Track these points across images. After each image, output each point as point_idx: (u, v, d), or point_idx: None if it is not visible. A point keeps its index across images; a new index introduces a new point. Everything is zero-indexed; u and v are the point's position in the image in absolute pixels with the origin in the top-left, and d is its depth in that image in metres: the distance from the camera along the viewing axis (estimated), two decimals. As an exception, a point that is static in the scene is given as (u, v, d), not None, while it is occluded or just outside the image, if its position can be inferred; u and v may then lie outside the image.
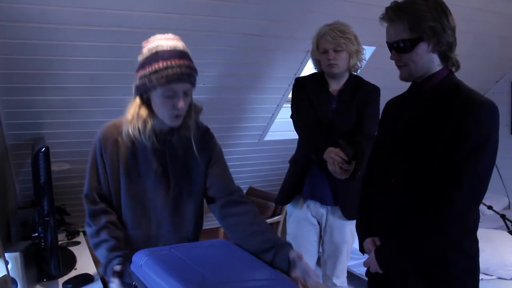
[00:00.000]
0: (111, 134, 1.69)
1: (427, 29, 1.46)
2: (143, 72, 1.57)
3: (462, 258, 1.56)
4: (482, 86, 4.95)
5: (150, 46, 1.59)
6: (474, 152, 1.43)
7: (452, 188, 1.44)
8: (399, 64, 1.58)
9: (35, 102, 3.12)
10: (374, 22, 1.67)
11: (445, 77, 1.56)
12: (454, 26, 1.53)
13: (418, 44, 1.49)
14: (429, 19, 1.46)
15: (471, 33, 3.90)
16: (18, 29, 2.57)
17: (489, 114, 1.46)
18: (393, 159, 1.62)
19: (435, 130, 1.49)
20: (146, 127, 1.63)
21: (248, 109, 3.81)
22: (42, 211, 3.65)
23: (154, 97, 1.61)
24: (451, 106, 1.48)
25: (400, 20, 1.48)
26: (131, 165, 1.69)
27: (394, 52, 1.55)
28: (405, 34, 1.49)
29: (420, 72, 1.56)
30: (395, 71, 1.64)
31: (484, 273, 3.20)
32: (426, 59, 1.52)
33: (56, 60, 2.85)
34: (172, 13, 2.80)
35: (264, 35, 3.08)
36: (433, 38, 1.48)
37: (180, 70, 1.54)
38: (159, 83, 1.54)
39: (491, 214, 4.18)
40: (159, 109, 1.62)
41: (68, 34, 2.68)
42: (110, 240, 1.63)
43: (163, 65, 1.53)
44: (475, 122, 1.43)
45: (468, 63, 4.34)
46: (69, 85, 3.00)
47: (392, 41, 1.54)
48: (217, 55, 3.28)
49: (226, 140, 4.29)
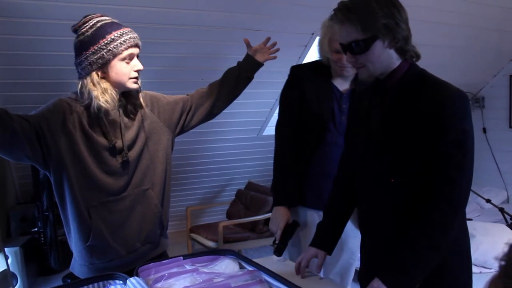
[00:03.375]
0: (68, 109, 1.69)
1: (381, 26, 1.39)
2: (96, 46, 1.61)
3: (455, 252, 1.55)
4: (480, 80, 4.96)
5: (90, 23, 1.64)
6: (457, 147, 1.41)
7: (443, 186, 1.42)
8: (356, 66, 1.51)
9: (32, 97, 3.12)
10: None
11: (407, 70, 1.50)
12: (406, 18, 1.46)
13: (373, 43, 1.42)
14: (381, 16, 1.39)
15: (468, 26, 3.90)
16: (15, 24, 2.57)
17: (463, 105, 1.43)
18: (371, 158, 1.58)
19: (410, 126, 1.45)
20: (113, 97, 1.68)
21: (247, 103, 3.82)
22: (41, 206, 3.67)
23: (114, 66, 1.65)
24: (421, 100, 1.42)
25: (351, 22, 1.41)
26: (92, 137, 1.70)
27: (349, 54, 1.48)
28: (358, 35, 1.41)
29: (380, 70, 1.49)
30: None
31: (482, 266, 3.22)
32: (383, 56, 1.45)
33: (53, 55, 2.85)
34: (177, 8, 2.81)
35: (263, 29, 3.08)
36: (388, 35, 1.41)
37: (133, 35, 1.66)
38: (119, 49, 1.62)
39: (489, 207, 4.20)
40: (120, 76, 1.67)
41: (65, 29, 2.67)
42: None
43: (117, 34, 1.62)
44: (451, 116, 1.39)
45: (466, 56, 4.36)
46: (66, 80, 3.00)
47: (345, 43, 1.46)
48: (216, 49, 3.28)
49: (225, 135, 4.31)
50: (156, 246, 1.88)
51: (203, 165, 4.61)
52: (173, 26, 2.94)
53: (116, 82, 1.67)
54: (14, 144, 1.53)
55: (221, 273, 1.49)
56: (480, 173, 5.09)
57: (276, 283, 1.43)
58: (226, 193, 5.15)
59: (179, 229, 4.95)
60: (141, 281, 1.36)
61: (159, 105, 1.88)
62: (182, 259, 1.60)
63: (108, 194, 1.72)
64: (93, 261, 1.75)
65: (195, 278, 1.42)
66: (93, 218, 1.69)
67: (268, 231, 4.31)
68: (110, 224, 1.73)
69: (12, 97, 3.09)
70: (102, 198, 1.70)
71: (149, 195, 1.80)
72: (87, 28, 1.62)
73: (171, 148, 1.90)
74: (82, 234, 1.71)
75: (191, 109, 1.94)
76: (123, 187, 1.75)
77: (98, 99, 1.64)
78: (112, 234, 1.73)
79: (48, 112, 1.65)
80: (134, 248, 1.79)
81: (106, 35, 1.60)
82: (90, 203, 1.69)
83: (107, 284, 1.43)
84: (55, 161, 1.64)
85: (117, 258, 1.75)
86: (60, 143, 1.63)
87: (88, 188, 1.69)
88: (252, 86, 2.10)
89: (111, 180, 1.72)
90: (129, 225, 1.76)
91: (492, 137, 4.98)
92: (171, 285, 1.38)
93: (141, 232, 1.80)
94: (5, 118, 1.49)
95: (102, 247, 1.73)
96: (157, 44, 3.04)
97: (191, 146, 4.20)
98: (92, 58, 1.62)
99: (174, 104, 1.92)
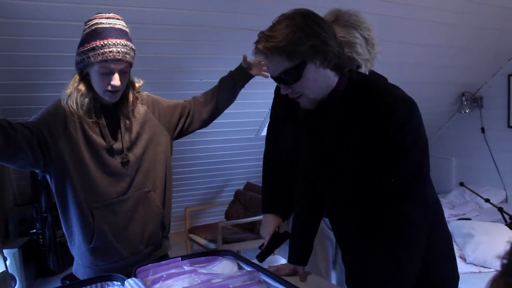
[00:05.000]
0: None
1: (307, 50, 1.30)
2: (82, 49, 1.61)
3: (439, 251, 1.54)
4: (478, 80, 4.96)
5: (90, 23, 1.62)
6: (407, 153, 1.36)
7: (400, 202, 1.38)
8: (294, 96, 1.42)
9: (30, 99, 3.12)
10: (373, 16, 1.65)
11: (347, 85, 1.41)
12: (333, 33, 1.36)
13: (304, 69, 1.32)
14: (305, 38, 1.29)
15: (467, 26, 3.90)
16: (14, 25, 2.56)
17: (409, 110, 1.37)
18: (335, 183, 1.50)
19: (363, 145, 1.36)
20: (84, 100, 1.65)
21: (245, 104, 3.82)
22: (40, 207, 3.66)
23: (92, 73, 1.64)
24: (367, 115, 1.35)
25: (274, 52, 1.31)
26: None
27: (284, 86, 1.39)
28: (286, 64, 1.32)
29: (320, 94, 1.41)
30: (394, 65, 1.61)
31: (482, 265, 3.23)
32: (320, 79, 1.37)
33: (53, 56, 2.84)
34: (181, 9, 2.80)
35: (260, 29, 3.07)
36: (317, 56, 1.32)
37: (116, 49, 1.57)
38: (96, 60, 1.57)
39: (488, 207, 4.20)
40: (96, 85, 1.65)
41: (65, 30, 2.67)
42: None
43: (100, 43, 1.56)
44: (399, 123, 1.30)
45: (464, 56, 4.36)
46: (65, 81, 2.99)
47: (276, 75, 1.37)
48: (215, 50, 3.27)
49: (223, 136, 4.30)
50: (159, 247, 1.90)
51: (201, 165, 4.61)
52: (171, 26, 2.93)
53: (95, 89, 1.67)
54: (17, 155, 1.54)
55: (220, 274, 1.48)
56: (479, 172, 5.11)
57: (275, 284, 1.42)
58: (225, 193, 5.15)
59: (177, 230, 4.95)
60: (139, 282, 1.36)
61: (160, 108, 1.88)
62: (181, 259, 1.60)
63: (111, 196, 1.72)
64: (97, 263, 1.76)
65: (194, 279, 1.41)
66: (96, 220, 1.70)
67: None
68: (113, 225, 1.73)
69: (10, 98, 3.09)
70: (104, 200, 1.71)
71: (151, 197, 1.81)
72: (86, 27, 1.63)
73: (170, 151, 1.91)
74: (86, 236, 1.72)
75: (189, 115, 1.95)
76: (125, 189, 1.75)
77: (68, 98, 1.66)
78: (115, 235, 1.74)
79: (49, 115, 1.66)
80: (138, 250, 1.80)
81: (92, 41, 1.58)
82: (93, 205, 1.70)
83: (105, 285, 1.43)
84: (57, 164, 1.65)
85: (120, 259, 1.76)
86: (61, 146, 1.64)
87: (91, 190, 1.69)
88: (250, 86, 2.10)
89: (112, 182, 1.72)
90: (132, 226, 1.77)
91: (490, 137, 4.98)
92: (170, 286, 1.37)
93: (144, 234, 1.81)
94: (8, 130, 1.49)
95: (105, 248, 1.74)
96: (155, 45, 3.04)
97: (189, 147, 4.20)
98: (77, 58, 1.64)
99: (174, 108, 1.92)
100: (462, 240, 3.51)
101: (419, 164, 1.35)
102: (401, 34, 3.68)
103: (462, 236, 3.53)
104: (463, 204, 4.74)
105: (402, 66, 4.04)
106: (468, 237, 3.46)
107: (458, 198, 4.94)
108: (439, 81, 4.65)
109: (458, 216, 4.29)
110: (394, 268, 1.34)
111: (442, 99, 5.01)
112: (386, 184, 1.36)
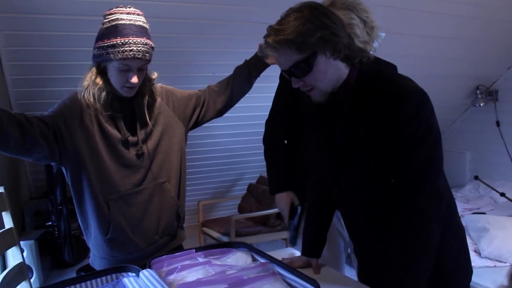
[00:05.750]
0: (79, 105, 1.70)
1: (316, 41, 1.29)
2: (102, 44, 1.61)
3: (452, 245, 1.52)
4: (493, 73, 4.89)
5: (110, 17, 1.62)
6: (419, 144, 1.34)
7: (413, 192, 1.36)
8: (306, 89, 1.41)
9: (45, 93, 3.15)
10: (383, 8, 1.64)
11: (357, 77, 1.41)
12: (342, 23, 1.35)
13: (315, 61, 1.32)
14: (314, 29, 1.28)
15: (479, 18, 3.85)
16: (27, 20, 2.59)
17: (421, 101, 1.35)
18: (345, 176, 1.50)
19: (375, 134, 1.35)
20: (101, 94, 1.67)
21: (258, 97, 3.81)
22: (55, 200, 3.70)
23: (110, 69, 1.65)
24: (378, 107, 1.34)
25: (284, 46, 1.30)
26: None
27: (295, 79, 1.38)
28: (296, 56, 1.31)
29: (331, 86, 1.40)
30: (406, 58, 1.60)
31: (497, 260, 3.20)
32: (331, 70, 1.36)
33: (65, 51, 2.86)
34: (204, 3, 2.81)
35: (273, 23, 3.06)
36: (327, 47, 1.31)
37: (137, 47, 1.58)
38: (115, 58, 1.58)
39: (503, 201, 4.16)
40: (113, 80, 1.66)
41: (77, 24, 2.69)
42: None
43: (120, 41, 1.57)
44: (410, 115, 1.29)
45: (478, 49, 4.31)
46: (78, 75, 3.00)
47: (286, 68, 1.36)
48: (228, 44, 3.27)
49: (236, 129, 4.31)
50: (174, 238, 1.92)
51: (214, 159, 4.62)
52: (184, 20, 2.94)
53: (112, 83, 1.68)
54: (34, 148, 1.56)
55: (234, 266, 1.49)
56: (493, 166, 5.06)
57: (289, 275, 1.43)
58: (238, 187, 5.16)
59: (191, 223, 4.97)
60: (154, 273, 1.37)
61: (174, 99, 1.89)
62: (195, 251, 1.61)
63: (126, 188, 1.74)
64: (113, 254, 1.78)
65: (208, 270, 1.42)
66: (112, 211, 1.72)
67: (280, 225, 4.32)
68: (129, 217, 1.75)
69: (23, 93, 3.12)
70: (120, 192, 1.73)
71: (166, 188, 1.83)
72: (106, 21, 1.63)
73: (184, 142, 1.92)
74: (102, 227, 1.74)
75: (204, 104, 1.96)
76: (140, 180, 1.77)
77: (85, 90, 1.67)
78: (131, 226, 1.76)
79: (65, 108, 1.68)
80: (153, 241, 1.82)
81: (112, 38, 1.58)
82: (108, 196, 1.72)
83: (120, 276, 1.44)
84: (72, 157, 1.67)
85: (136, 250, 1.79)
86: (77, 139, 1.66)
87: (106, 181, 1.71)
88: (264, 80, 2.10)
89: (128, 173, 1.74)
90: (147, 217, 1.79)
91: (505, 131, 4.92)
92: (184, 277, 1.38)
93: (159, 225, 1.83)
94: (25, 124, 1.52)
95: (121, 239, 1.76)
96: (169, 39, 3.05)
97: (202, 140, 4.21)
98: (96, 52, 1.64)
99: (188, 99, 1.93)
100: (476, 234, 3.48)
101: (431, 156, 1.34)
102: (412, 27, 3.64)
103: (477, 230, 3.50)
104: (478, 198, 4.70)
105: (413, 59, 4.01)
106: (483, 231, 3.43)
107: (472, 192, 4.90)
108: (452, 74, 4.60)
109: (472, 210, 4.26)
110: (408, 261, 1.33)
111: (455, 92, 4.96)
112: (398, 177, 1.35)
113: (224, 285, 1.29)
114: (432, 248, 1.34)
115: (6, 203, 1.88)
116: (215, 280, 1.32)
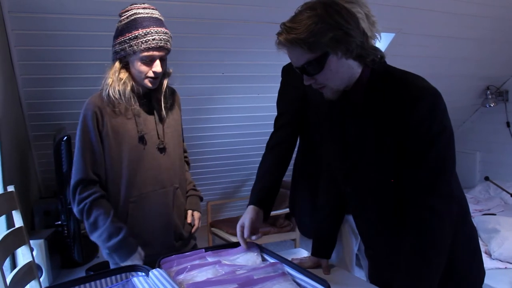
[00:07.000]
0: (99, 106, 1.73)
1: (328, 41, 1.27)
2: (123, 38, 1.66)
3: (464, 246, 1.51)
4: (503, 73, 4.85)
5: (128, 13, 1.67)
6: (432, 144, 1.32)
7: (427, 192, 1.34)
8: (317, 87, 1.40)
9: (55, 93, 3.16)
10: (393, 8, 1.62)
11: (370, 76, 1.39)
12: (356, 22, 1.33)
13: (326, 60, 1.30)
14: (326, 29, 1.26)
15: (489, 18, 3.82)
16: (38, 20, 2.59)
17: (434, 101, 1.33)
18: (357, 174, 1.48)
19: (387, 134, 1.34)
20: (126, 89, 1.71)
21: (266, 98, 3.81)
22: (64, 199, 3.70)
23: (133, 61, 1.69)
24: (392, 103, 1.32)
25: (295, 44, 1.29)
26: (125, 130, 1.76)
27: (306, 77, 1.37)
28: (308, 55, 1.30)
29: (343, 84, 1.39)
30: (416, 58, 1.59)
31: (508, 261, 3.17)
32: (343, 69, 1.35)
33: (75, 50, 2.87)
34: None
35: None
36: (339, 47, 1.29)
37: (159, 36, 1.65)
38: (139, 48, 1.63)
39: (514, 202, 4.14)
40: (138, 73, 1.70)
41: (87, 24, 2.70)
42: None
43: (142, 32, 1.62)
44: (423, 114, 1.28)
45: (488, 48, 4.27)
46: (88, 75, 3.02)
47: (298, 66, 1.36)
48: (237, 44, 3.27)
49: (245, 130, 4.30)
50: (187, 244, 1.96)
51: (223, 160, 4.62)
52: (196, 20, 2.94)
53: (135, 77, 1.73)
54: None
55: (244, 266, 1.49)
56: (504, 167, 5.01)
57: (299, 276, 1.42)
58: (246, 188, 5.15)
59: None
60: (164, 272, 1.37)
61: (180, 115, 1.98)
62: (204, 251, 1.61)
63: (141, 191, 1.77)
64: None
65: (218, 270, 1.42)
66: (129, 213, 1.76)
67: (289, 226, 4.31)
68: (144, 220, 1.78)
69: (34, 92, 3.13)
70: (135, 195, 1.76)
71: (178, 194, 1.87)
72: (124, 18, 1.68)
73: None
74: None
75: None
76: (156, 184, 1.80)
77: (110, 87, 1.70)
78: (146, 230, 1.79)
79: (87, 130, 1.72)
80: (169, 245, 1.85)
81: (133, 30, 1.63)
82: (129, 198, 1.75)
83: (130, 275, 1.45)
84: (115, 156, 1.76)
85: (152, 254, 1.78)
86: (105, 144, 1.74)
87: (122, 183, 1.75)
88: (271, 80, 2.09)
89: (145, 175, 1.77)
90: (162, 222, 1.82)
91: (516, 131, 4.89)
92: (194, 276, 1.38)
93: (174, 229, 1.86)
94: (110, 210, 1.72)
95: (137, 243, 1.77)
96: (179, 38, 3.04)
97: (211, 140, 4.21)
98: (117, 48, 1.68)
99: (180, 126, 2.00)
100: (487, 235, 3.45)
101: (444, 156, 1.32)
102: (421, 26, 3.61)
103: (487, 231, 3.48)
104: (488, 199, 4.67)
105: (422, 59, 3.97)
106: (494, 232, 3.40)
107: (482, 193, 4.86)
108: (462, 74, 4.57)
109: (482, 212, 4.23)
110: (420, 262, 1.31)
111: (465, 92, 4.92)
112: (410, 177, 1.34)
113: (234, 285, 1.29)
114: (444, 250, 1.33)
115: (16, 202, 1.90)
116: (225, 280, 1.32)
